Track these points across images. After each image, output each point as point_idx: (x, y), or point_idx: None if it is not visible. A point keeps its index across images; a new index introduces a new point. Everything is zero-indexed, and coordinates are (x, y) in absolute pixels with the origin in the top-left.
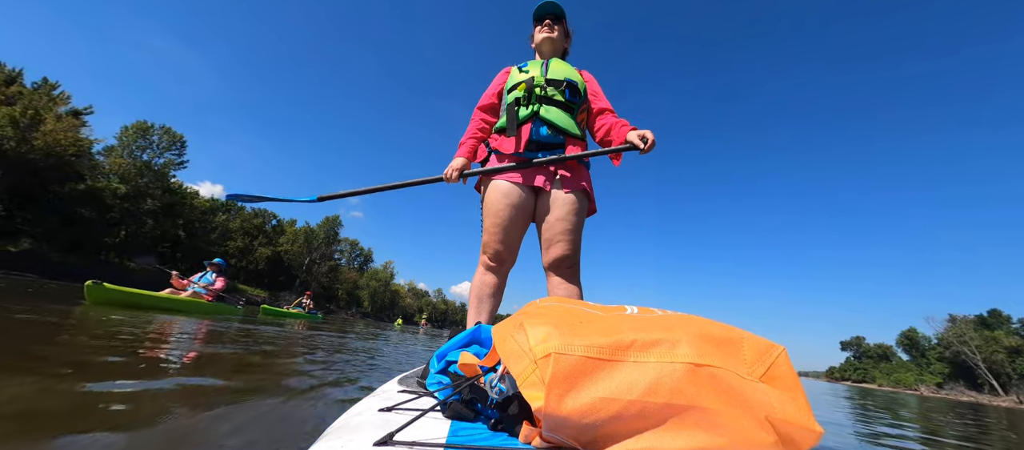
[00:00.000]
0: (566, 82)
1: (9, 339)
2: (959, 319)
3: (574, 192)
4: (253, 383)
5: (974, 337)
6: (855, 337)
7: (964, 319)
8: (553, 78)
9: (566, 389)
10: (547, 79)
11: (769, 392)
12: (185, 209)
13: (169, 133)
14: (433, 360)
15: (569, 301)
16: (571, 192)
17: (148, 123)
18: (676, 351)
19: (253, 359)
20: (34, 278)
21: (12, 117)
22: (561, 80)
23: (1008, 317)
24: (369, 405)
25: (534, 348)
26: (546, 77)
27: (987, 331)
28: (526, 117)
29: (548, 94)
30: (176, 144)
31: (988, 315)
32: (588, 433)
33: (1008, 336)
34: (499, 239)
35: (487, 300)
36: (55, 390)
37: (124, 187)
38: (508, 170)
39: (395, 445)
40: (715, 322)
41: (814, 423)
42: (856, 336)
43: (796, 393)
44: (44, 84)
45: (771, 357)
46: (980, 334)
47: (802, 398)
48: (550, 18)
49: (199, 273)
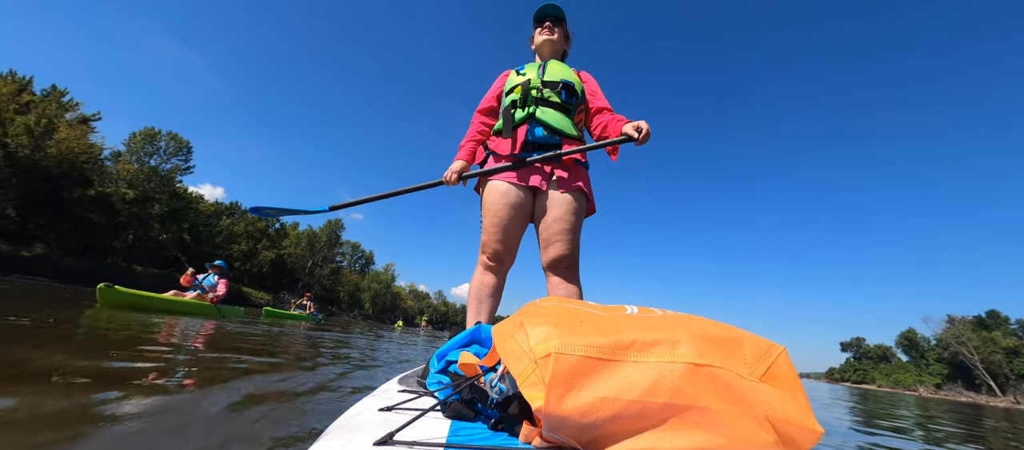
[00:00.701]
0: (562, 83)
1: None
2: (958, 320)
3: (571, 192)
4: (254, 384)
5: (972, 338)
6: (855, 338)
7: (962, 320)
8: (549, 80)
9: (566, 389)
10: (543, 81)
11: (769, 392)
12: (190, 213)
13: (176, 139)
14: (433, 360)
15: (569, 301)
16: (568, 192)
17: (155, 129)
18: (676, 351)
19: (254, 360)
20: (47, 282)
21: (27, 126)
22: (557, 82)
23: (1006, 318)
24: (369, 405)
25: (534, 348)
26: (543, 79)
27: (985, 332)
28: (522, 119)
29: (544, 96)
30: (182, 150)
31: (987, 316)
32: (588, 433)
33: (1006, 337)
34: (498, 239)
35: (486, 300)
36: (54, 391)
37: (132, 192)
38: (505, 170)
39: (395, 445)
40: (715, 322)
41: (815, 423)
42: (856, 337)
43: (796, 393)
44: (53, 91)
45: (771, 357)
46: (978, 335)
47: (802, 398)
48: (550, 20)
49: (202, 275)
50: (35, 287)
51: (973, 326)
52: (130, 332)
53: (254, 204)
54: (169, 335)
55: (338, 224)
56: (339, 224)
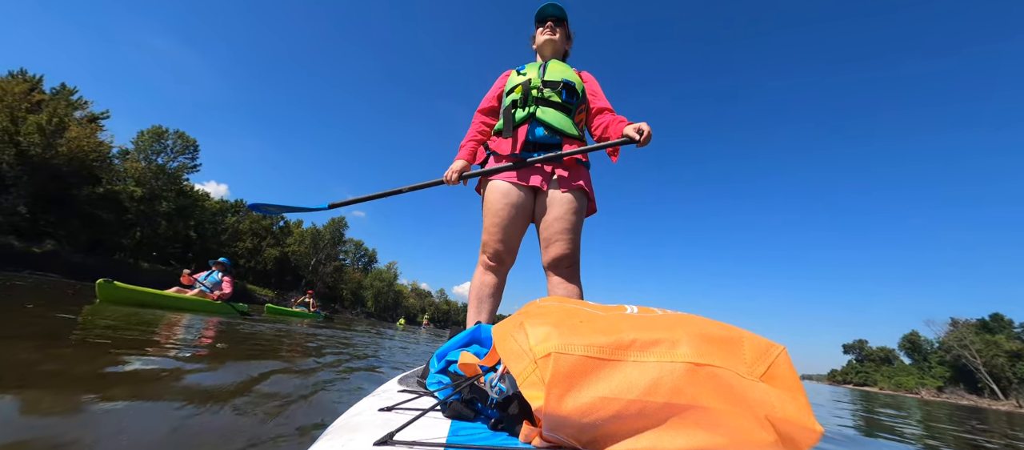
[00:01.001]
0: (563, 83)
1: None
2: (961, 323)
3: (572, 191)
4: (254, 382)
5: (975, 341)
6: (857, 340)
7: (965, 323)
8: (550, 80)
9: (566, 389)
10: (544, 81)
11: (769, 391)
12: (197, 211)
13: (183, 137)
14: (433, 360)
15: (569, 301)
16: (569, 191)
17: (163, 128)
18: (676, 351)
19: (255, 358)
20: (57, 278)
21: (39, 125)
22: (558, 81)
23: (1010, 321)
24: (369, 405)
25: (534, 348)
26: (543, 79)
27: (988, 335)
28: (522, 119)
29: (545, 95)
30: (189, 148)
31: (990, 319)
32: (588, 432)
33: (1009, 340)
34: (499, 238)
35: (487, 300)
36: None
37: (140, 190)
38: (505, 170)
39: (395, 445)
40: (715, 321)
41: (814, 423)
42: (858, 339)
43: (796, 392)
44: (62, 90)
45: (771, 356)
46: (981, 338)
47: (802, 398)
48: (552, 20)
49: (205, 272)
50: (44, 283)
51: (976, 329)
52: (127, 329)
53: (254, 201)
54: (167, 332)
55: (341, 222)
56: (342, 222)
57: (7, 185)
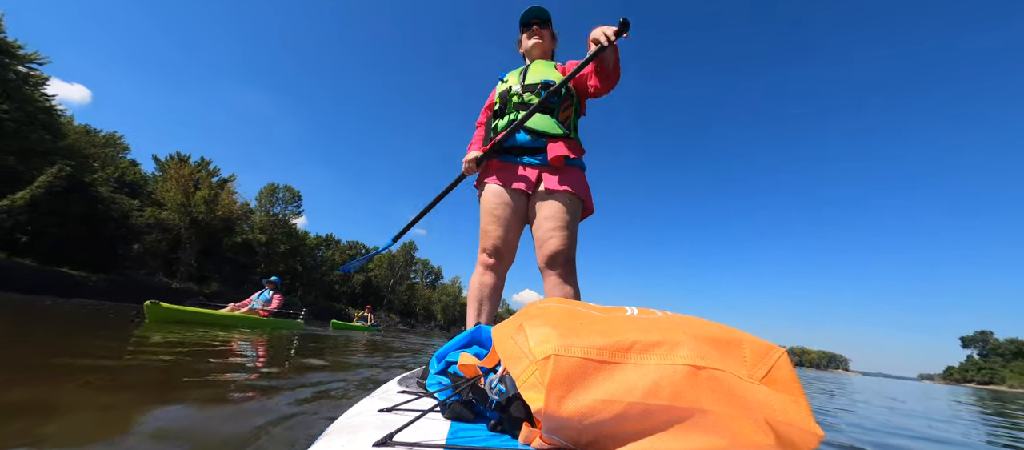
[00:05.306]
0: (541, 84)
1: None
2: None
3: (563, 191)
4: (262, 390)
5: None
6: (980, 332)
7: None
8: (529, 83)
9: (566, 391)
10: (524, 85)
11: (770, 394)
12: (302, 248)
13: (289, 190)
14: (433, 361)
15: (569, 302)
16: (560, 191)
17: (275, 184)
18: (676, 353)
19: (263, 368)
20: None
21: (204, 198)
22: (536, 83)
23: None
24: (369, 406)
25: (534, 349)
26: (523, 83)
27: None
28: (503, 128)
29: (524, 100)
30: (295, 199)
31: None
32: (588, 435)
33: None
34: (496, 235)
35: (486, 301)
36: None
37: (264, 237)
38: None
39: (395, 445)
40: (715, 324)
41: (815, 426)
42: (981, 330)
43: (797, 395)
44: (202, 163)
45: (772, 359)
46: None
47: (803, 400)
48: (536, 22)
49: (258, 292)
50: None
51: None
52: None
53: (343, 267)
54: (209, 347)
55: (411, 245)
56: (412, 244)
57: (184, 244)
